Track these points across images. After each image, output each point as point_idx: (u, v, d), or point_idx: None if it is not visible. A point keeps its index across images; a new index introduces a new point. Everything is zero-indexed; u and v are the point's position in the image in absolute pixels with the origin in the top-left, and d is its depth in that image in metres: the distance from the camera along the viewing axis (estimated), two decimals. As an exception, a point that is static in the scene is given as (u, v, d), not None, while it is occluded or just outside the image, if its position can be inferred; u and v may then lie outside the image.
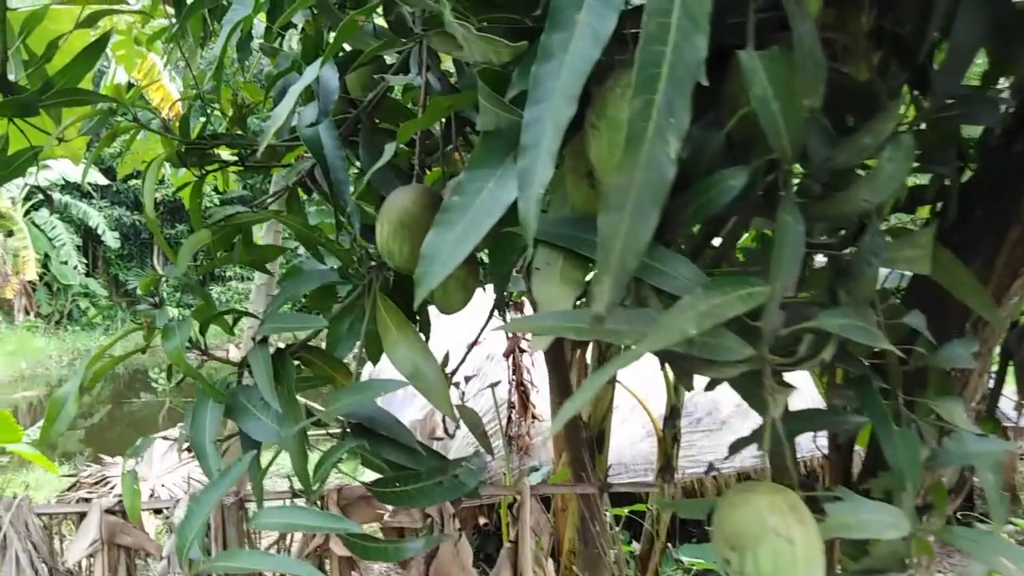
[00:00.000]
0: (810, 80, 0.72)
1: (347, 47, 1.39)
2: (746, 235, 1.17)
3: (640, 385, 3.94)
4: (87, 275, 21.81)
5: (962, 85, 1.08)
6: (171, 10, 2.55)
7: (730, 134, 0.78)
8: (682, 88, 0.57)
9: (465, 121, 1.09)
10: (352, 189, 1.16)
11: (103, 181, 19.75)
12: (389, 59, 1.39)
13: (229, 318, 1.48)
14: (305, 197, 1.72)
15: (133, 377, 19.14)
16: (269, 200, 1.40)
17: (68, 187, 20.44)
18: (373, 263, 1.29)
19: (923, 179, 1.30)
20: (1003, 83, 1.31)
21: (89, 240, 21.88)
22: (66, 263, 20.49)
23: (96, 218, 20.77)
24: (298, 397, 1.26)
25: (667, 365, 1.13)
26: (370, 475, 1.24)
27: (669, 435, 3.43)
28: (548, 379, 3.24)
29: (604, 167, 0.70)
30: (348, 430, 1.15)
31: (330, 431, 1.35)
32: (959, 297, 0.99)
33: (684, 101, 0.57)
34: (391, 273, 1.32)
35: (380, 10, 1.25)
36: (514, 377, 5.09)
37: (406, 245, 0.95)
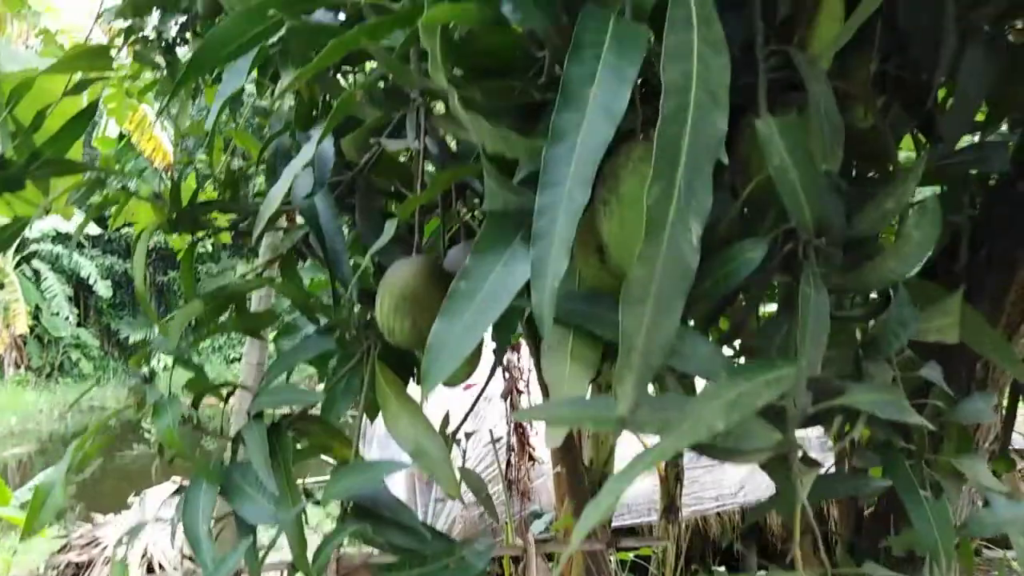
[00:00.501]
0: (828, 144, 0.70)
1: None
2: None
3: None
4: (78, 325, 21.64)
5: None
6: (162, 61, 2.54)
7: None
8: (702, 169, 0.54)
9: (466, 184, 1.06)
10: (349, 256, 1.13)
11: (95, 231, 19.72)
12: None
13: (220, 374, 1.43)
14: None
15: (126, 428, 18.86)
16: (262, 266, 1.36)
17: (59, 238, 20.40)
18: (370, 330, 1.25)
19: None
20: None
21: (80, 290, 21.76)
22: (57, 314, 20.36)
23: (88, 268, 20.70)
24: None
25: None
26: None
27: (672, 473, 3.36)
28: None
29: (618, 245, 0.66)
30: (348, 511, 1.10)
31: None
32: (984, 355, 0.96)
33: (705, 182, 0.53)
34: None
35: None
36: (511, 415, 5.02)
37: (407, 321, 0.91)
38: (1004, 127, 1.34)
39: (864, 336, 0.74)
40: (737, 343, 1.06)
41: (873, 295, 0.82)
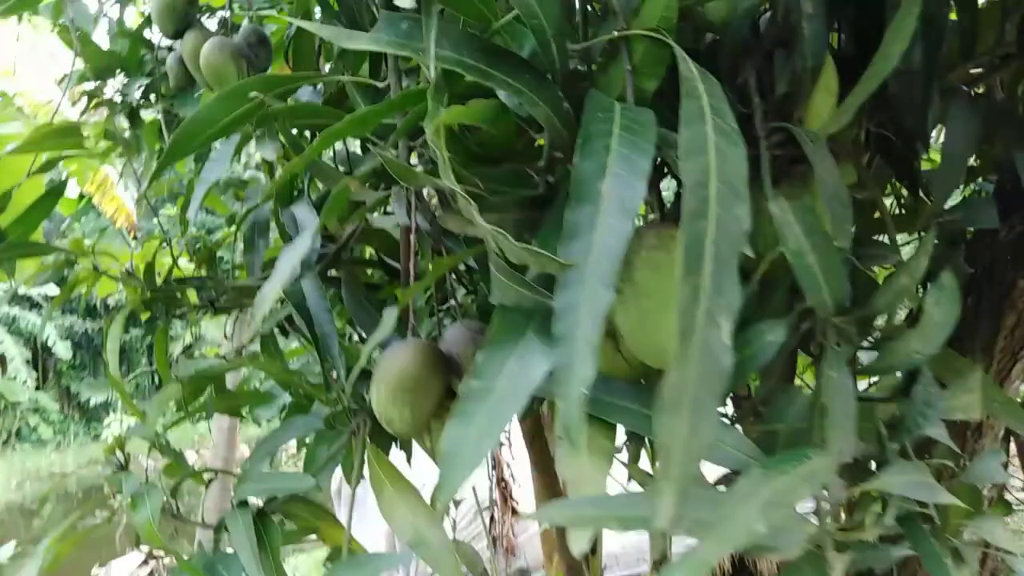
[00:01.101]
0: (839, 222, 0.69)
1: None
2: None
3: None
4: (37, 389, 20.95)
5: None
6: (126, 122, 2.49)
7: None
8: (729, 265, 0.51)
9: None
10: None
11: (54, 290, 19.25)
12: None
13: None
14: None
15: (88, 494, 18.23)
16: (245, 344, 1.31)
17: (17, 299, 19.86)
18: (360, 409, 1.20)
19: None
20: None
21: (39, 352, 21.13)
22: (15, 378, 19.71)
23: (47, 329, 20.13)
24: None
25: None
26: None
27: (662, 525, 3.29)
28: (531, 475, 3.12)
29: (634, 335, 0.64)
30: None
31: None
32: (992, 415, 0.95)
33: (732, 278, 0.51)
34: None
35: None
36: (494, 472, 4.92)
37: (407, 410, 0.87)
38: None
39: (887, 415, 0.72)
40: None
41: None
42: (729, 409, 1.06)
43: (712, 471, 0.72)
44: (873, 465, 0.76)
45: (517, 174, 0.73)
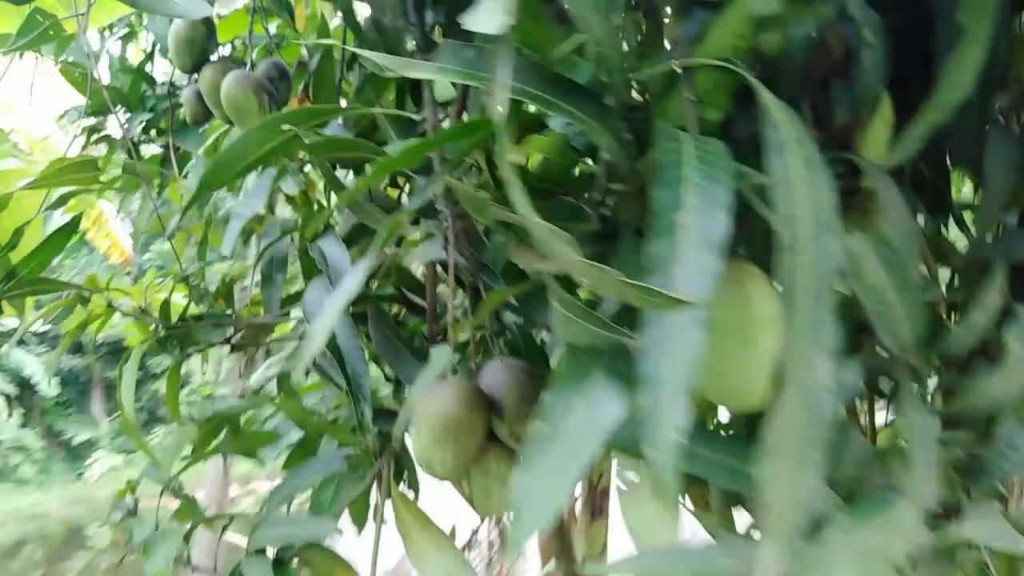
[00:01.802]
0: (910, 252, 0.66)
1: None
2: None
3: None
4: (21, 427, 20.58)
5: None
6: (124, 158, 2.47)
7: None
8: (826, 302, 0.49)
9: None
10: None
11: (41, 327, 19.01)
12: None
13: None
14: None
15: (69, 536, 17.82)
16: (263, 382, 1.27)
17: (3, 336, 19.59)
18: (385, 451, 1.16)
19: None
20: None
21: (24, 389, 20.79)
22: (-2, 416, 19.39)
23: (33, 365, 19.84)
24: None
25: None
26: None
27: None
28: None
29: (708, 376, 0.61)
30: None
31: None
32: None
33: (830, 316, 0.49)
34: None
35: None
36: (493, 512, 4.83)
37: (449, 453, 0.83)
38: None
39: (953, 457, 0.69)
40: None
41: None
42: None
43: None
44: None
45: (571, 207, 0.71)
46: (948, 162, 1.06)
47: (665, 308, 0.46)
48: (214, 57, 1.45)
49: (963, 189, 1.38)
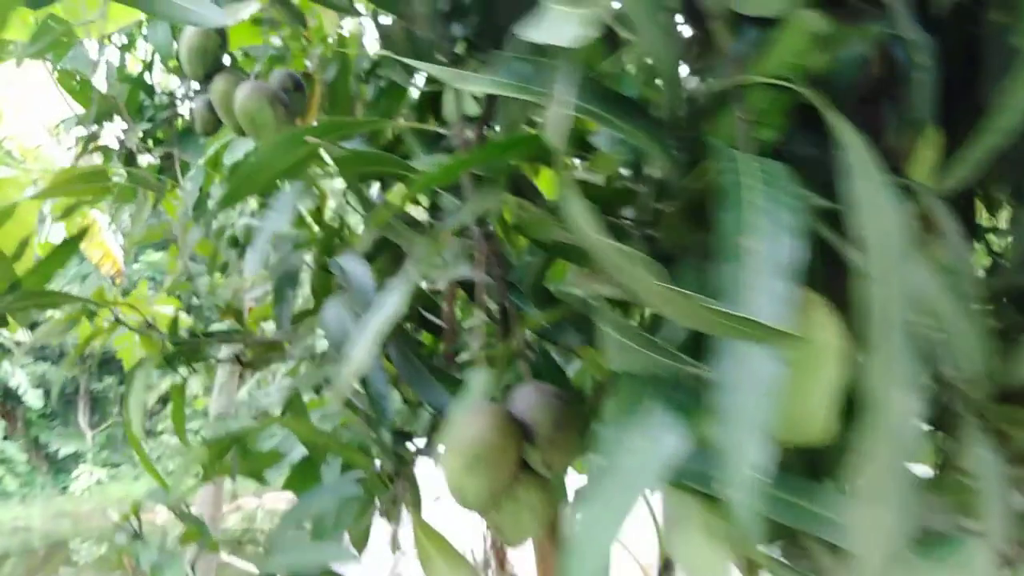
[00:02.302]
0: (970, 279, 0.64)
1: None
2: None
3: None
4: (4, 439, 20.28)
5: None
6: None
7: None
8: (904, 332, 0.46)
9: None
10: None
11: (26, 336, 18.77)
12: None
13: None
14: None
15: (51, 551, 17.55)
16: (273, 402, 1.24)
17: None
18: (403, 475, 1.13)
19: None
20: None
21: (8, 400, 20.50)
22: (-19, 428, 19.11)
23: (17, 376, 19.58)
24: None
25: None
26: None
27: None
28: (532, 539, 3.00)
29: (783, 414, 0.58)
30: None
31: None
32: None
33: (910, 348, 0.46)
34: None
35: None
36: (489, 531, 4.76)
37: (483, 481, 0.80)
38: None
39: None
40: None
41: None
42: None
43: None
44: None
45: (615, 228, 0.68)
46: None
47: (761, 340, 0.43)
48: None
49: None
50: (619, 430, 0.56)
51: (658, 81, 0.61)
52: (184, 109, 3.76)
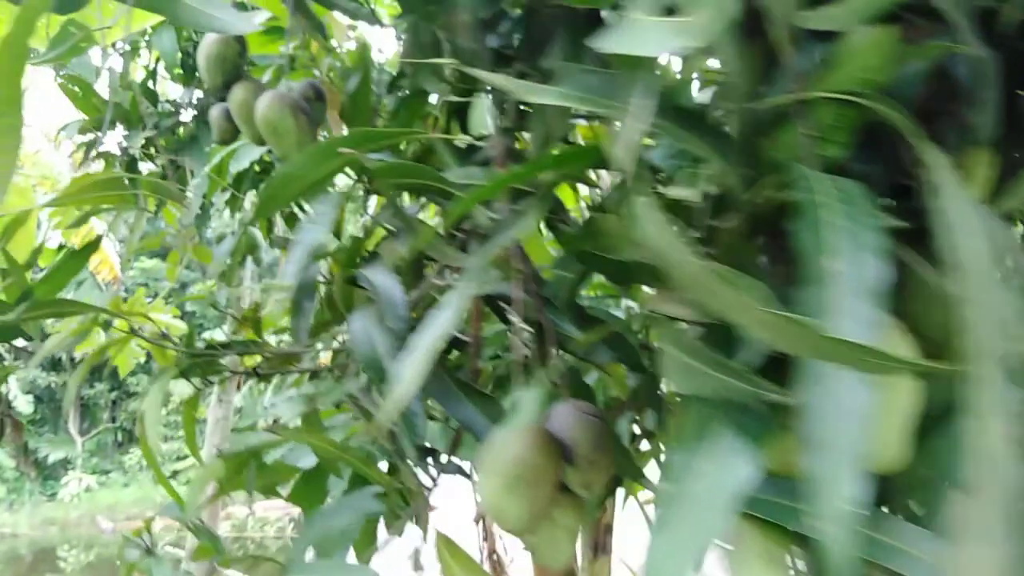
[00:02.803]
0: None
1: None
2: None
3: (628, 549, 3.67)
4: (-5, 446, 20.08)
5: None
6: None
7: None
8: (999, 358, 0.45)
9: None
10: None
11: (18, 342, 18.57)
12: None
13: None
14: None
15: (38, 558, 17.36)
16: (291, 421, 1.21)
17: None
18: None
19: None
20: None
21: (-2, 406, 20.26)
22: (-30, 434, 18.88)
23: (8, 382, 19.39)
24: None
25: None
26: None
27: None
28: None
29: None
30: None
31: None
32: None
33: (1010, 376, 0.44)
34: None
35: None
36: (485, 544, 4.70)
37: (524, 503, 0.77)
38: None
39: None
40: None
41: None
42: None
43: None
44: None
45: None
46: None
47: (887, 372, 0.41)
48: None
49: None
50: (689, 456, 0.54)
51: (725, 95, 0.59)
52: (187, 117, 3.73)
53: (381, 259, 1.00)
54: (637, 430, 1.47)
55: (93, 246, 1.25)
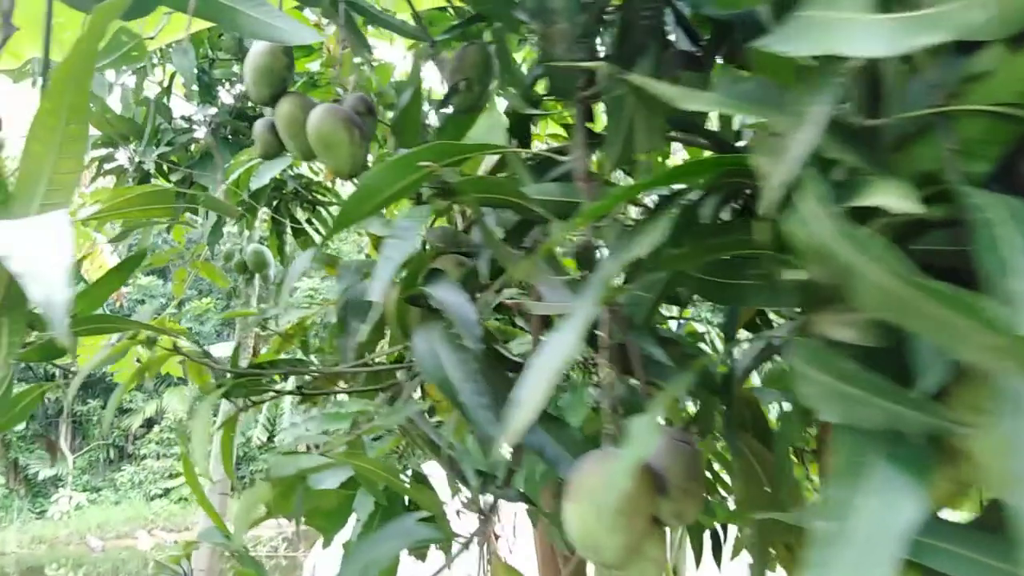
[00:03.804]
0: None
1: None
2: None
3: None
4: (-12, 463, 19.83)
5: None
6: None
7: None
8: None
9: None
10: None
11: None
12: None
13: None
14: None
15: (26, 574, 17.11)
16: (340, 443, 1.16)
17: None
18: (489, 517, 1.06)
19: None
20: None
21: (-13, 422, 20.02)
22: (-40, 451, 18.69)
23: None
24: None
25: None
26: None
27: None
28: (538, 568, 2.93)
29: (999, 467, 0.52)
30: None
31: None
32: None
33: None
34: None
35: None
36: (489, 567, 4.62)
37: (621, 537, 0.73)
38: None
39: None
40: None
41: None
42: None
43: None
44: None
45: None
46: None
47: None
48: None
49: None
50: (849, 490, 0.50)
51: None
52: (200, 134, 3.71)
53: (444, 276, 0.96)
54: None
55: (136, 261, 1.21)
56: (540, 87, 1.03)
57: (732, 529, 1.71)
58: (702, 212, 0.72)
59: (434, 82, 3.28)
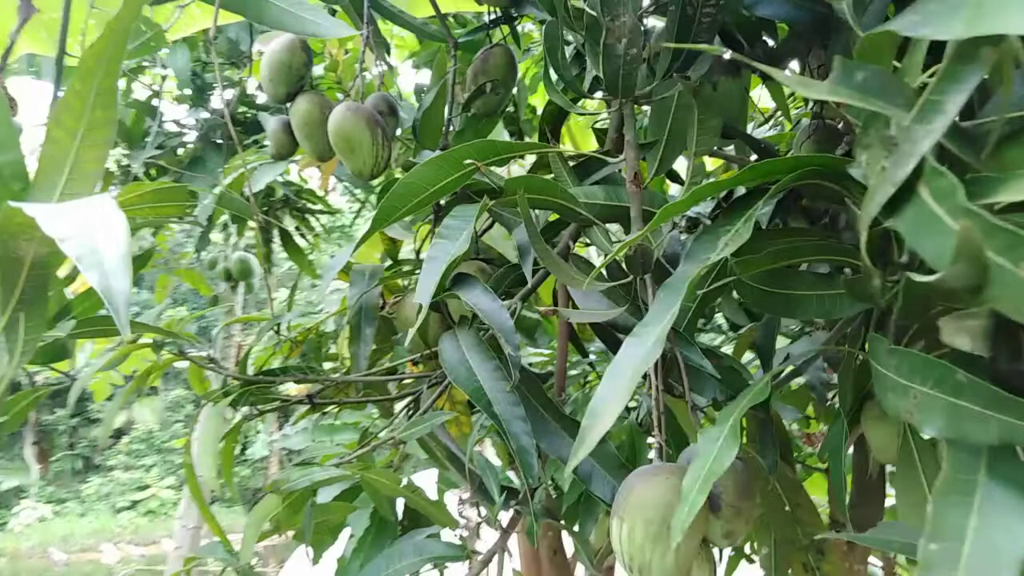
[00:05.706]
0: None
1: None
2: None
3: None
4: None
5: None
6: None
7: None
8: None
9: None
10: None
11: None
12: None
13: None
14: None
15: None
16: (353, 456, 1.11)
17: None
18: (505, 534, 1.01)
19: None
20: None
21: (-50, 430, 19.47)
22: (-81, 459, 18.13)
23: (-39, 405, 18.65)
24: None
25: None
26: None
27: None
28: None
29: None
30: None
31: None
32: None
33: None
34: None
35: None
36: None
37: (671, 556, 0.69)
38: None
39: None
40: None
41: None
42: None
43: None
44: None
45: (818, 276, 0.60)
46: None
47: None
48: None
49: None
50: (950, 510, 0.47)
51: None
52: (190, 137, 3.64)
53: (475, 280, 0.92)
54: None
55: (143, 260, 1.16)
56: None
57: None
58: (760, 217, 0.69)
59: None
